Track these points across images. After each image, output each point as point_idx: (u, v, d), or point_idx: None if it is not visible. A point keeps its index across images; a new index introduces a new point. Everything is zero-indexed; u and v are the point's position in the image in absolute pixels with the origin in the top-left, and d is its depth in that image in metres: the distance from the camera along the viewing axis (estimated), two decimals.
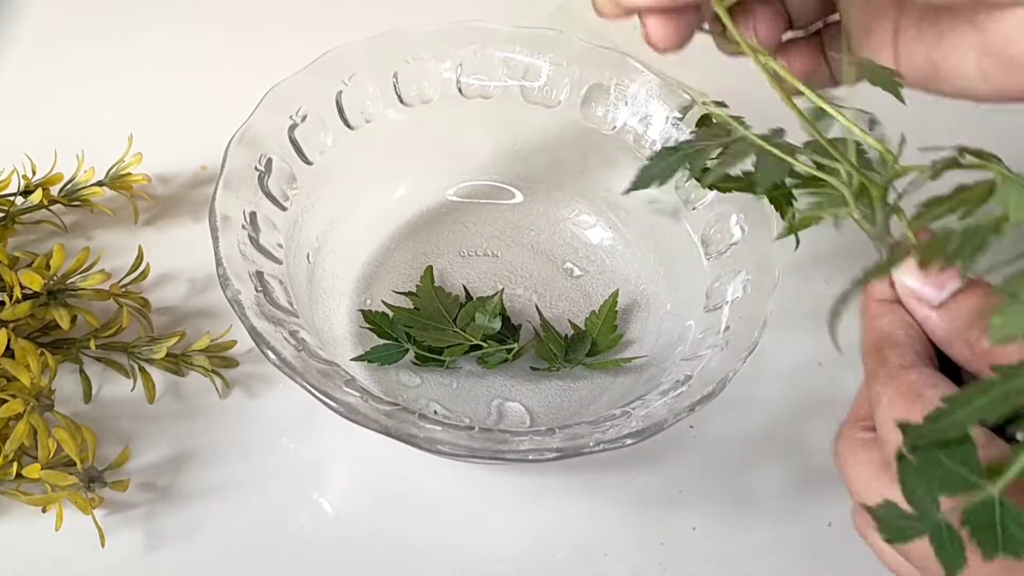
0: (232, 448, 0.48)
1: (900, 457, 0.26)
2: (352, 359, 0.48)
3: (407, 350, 0.49)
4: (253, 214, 0.45)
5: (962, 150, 0.30)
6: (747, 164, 0.34)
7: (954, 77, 0.33)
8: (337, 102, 0.50)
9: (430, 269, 0.53)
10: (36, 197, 0.53)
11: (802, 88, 0.34)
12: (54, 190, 0.54)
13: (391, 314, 0.50)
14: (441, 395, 0.49)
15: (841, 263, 0.57)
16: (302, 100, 0.49)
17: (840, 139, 0.33)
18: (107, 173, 0.55)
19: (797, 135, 0.34)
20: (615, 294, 0.51)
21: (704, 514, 0.47)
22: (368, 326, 0.49)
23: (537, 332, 0.50)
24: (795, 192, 0.35)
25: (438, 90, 0.52)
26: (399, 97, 0.52)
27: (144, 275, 0.51)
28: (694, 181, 0.50)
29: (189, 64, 0.65)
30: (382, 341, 0.49)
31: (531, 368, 0.50)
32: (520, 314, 0.52)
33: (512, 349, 0.49)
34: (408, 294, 0.52)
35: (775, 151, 0.32)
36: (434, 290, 0.51)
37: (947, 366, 0.31)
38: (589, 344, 0.49)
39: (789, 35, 0.39)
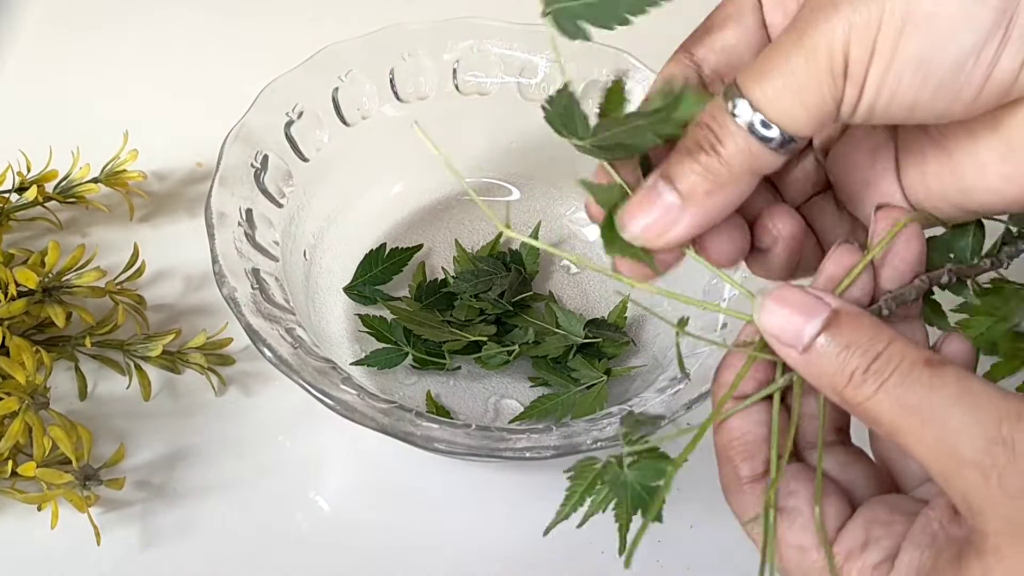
0: (228, 446, 0.48)
1: None
2: (351, 363, 0.48)
3: (406, 354, 0.49)
4: (249, 211, 0.45)
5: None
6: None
7: (974, 192, 0.29)
8: (333, 99, 0.50)
9: (422, 266, 0.53)
10: (31, 194, 0.52)
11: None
12: (49, 187, 0.54)
13: (389, 319, 0.50)
14: (438, 392, 0.49)
15: None
16: (298, 97, 0.49)
17: None
18: (102, 170, 0.55)
19: None
20: (625, 300, 0.51)
21: (701, 512, 0.47)
22: (367, 330, 0.49)
23: (537, 340, 0.50)
24: None
25: (435, 87, 0.52)
26: (395, 94, 0.52)
27: (139, 272, 0.51)
28: None
29: (185, 61, 0.65)
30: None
31: (529, 379, 0.50)
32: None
33: (512, 351, 0.49)
34: (401, 298, 0.51)
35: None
36: (425, 287, 0.51)
37: None
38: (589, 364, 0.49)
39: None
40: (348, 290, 0.51)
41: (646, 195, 0.29)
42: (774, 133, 0.27)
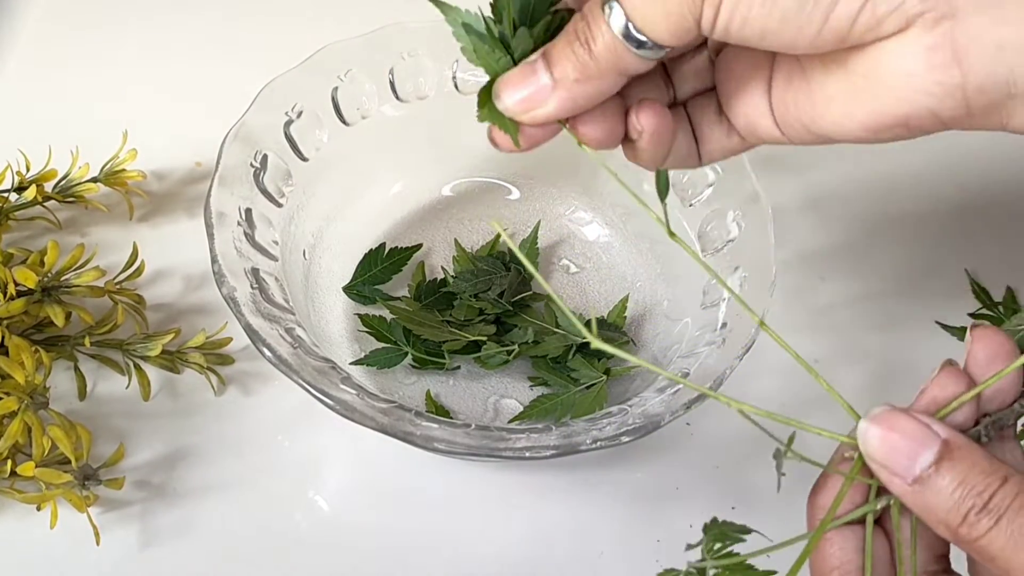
0: (227, 446, 0.48)
1: None
2: (351, 363, 0.48)
3: (406, 354, 0.49)
4: (249, 211, 0.45)
5: None
6: None
7: (821, 121, 0.31)
8: (333, 98, 0.50)
9: (422, 266, 0.53)
10: (30, 193, 0.52)
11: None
12: (48, 186, 0.54)
13: (388, 318, 0.50)
14: (438, 392, 0.49)
15: (838, 260, 0.57)
16: (297, 96, 0.49)
17: None
18: (102, 169, 0.55)
19: None
20: (625, 300, 0.51)
21: (701, 512, 0.47)
22: (366, 330, 0.49)
23: (536, 339, 0.49)
24: None
25: (434, 86, 0.52)
26: (395, 93, 0.52)
27: (139, 272, 0.51)
28: (691, 177, 0.50)
29: (184, 60, 0.65)
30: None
31: (529, 379, 0.49)
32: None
33: (512, 351, 0.49)
34: (400, 298, 0.51)
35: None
36: (425, 287, 0.51)
37: None
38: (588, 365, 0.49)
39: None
40: (347, 290, 0.51)
41: (525, 70, 0.32)
42: (643, 38, 0.29)
